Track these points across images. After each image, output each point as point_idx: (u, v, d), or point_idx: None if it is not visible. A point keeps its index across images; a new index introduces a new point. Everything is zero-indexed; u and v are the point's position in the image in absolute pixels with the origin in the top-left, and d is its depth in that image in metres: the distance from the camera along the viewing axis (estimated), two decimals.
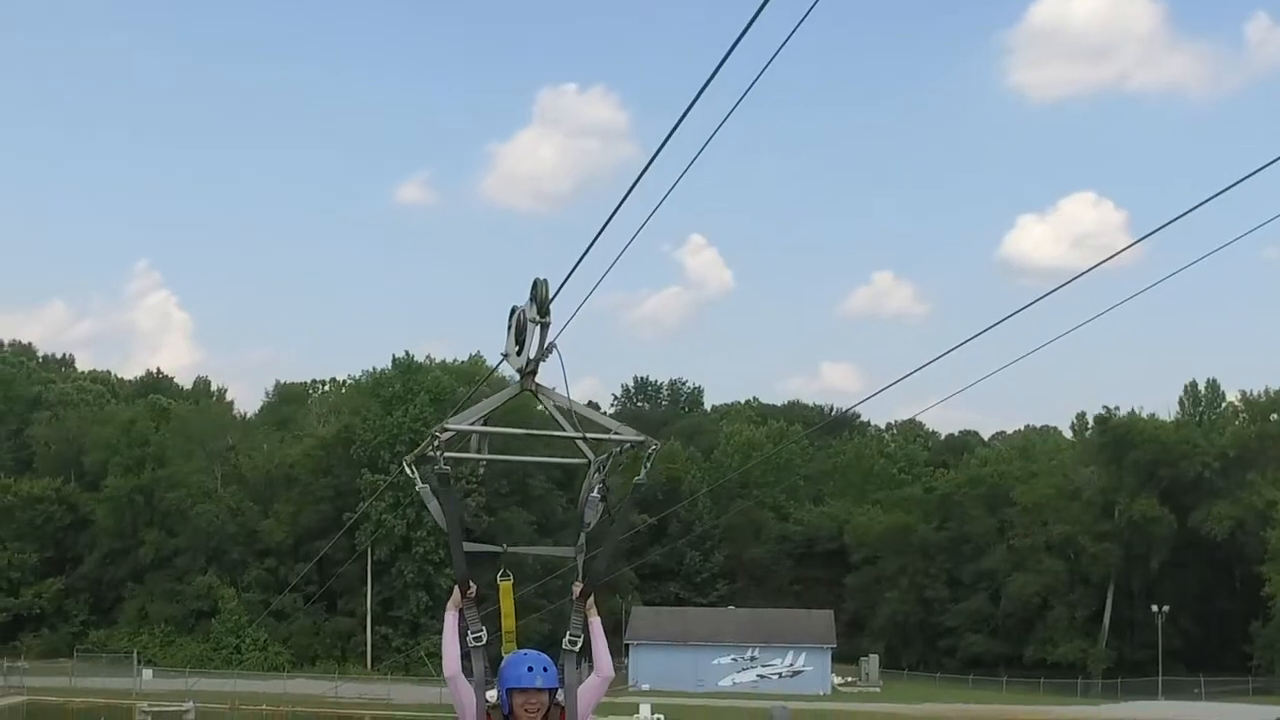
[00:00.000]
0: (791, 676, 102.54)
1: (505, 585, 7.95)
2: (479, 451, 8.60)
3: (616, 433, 7.84)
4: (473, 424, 8.08)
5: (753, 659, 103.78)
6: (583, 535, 8.14)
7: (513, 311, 7.62)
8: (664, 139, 7.13)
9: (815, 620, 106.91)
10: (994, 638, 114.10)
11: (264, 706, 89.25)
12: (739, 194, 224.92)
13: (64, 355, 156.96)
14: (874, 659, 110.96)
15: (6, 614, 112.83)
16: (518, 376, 7.84)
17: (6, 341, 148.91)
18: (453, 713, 7.50)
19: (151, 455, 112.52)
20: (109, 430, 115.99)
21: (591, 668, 7.84)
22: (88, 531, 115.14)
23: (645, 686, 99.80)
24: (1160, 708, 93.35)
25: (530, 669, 7.32)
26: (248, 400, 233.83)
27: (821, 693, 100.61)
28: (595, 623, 7.80)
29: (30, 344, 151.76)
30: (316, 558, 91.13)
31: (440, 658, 7.52)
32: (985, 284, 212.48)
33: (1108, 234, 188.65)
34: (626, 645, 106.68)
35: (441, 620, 7.70)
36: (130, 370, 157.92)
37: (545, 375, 7.90)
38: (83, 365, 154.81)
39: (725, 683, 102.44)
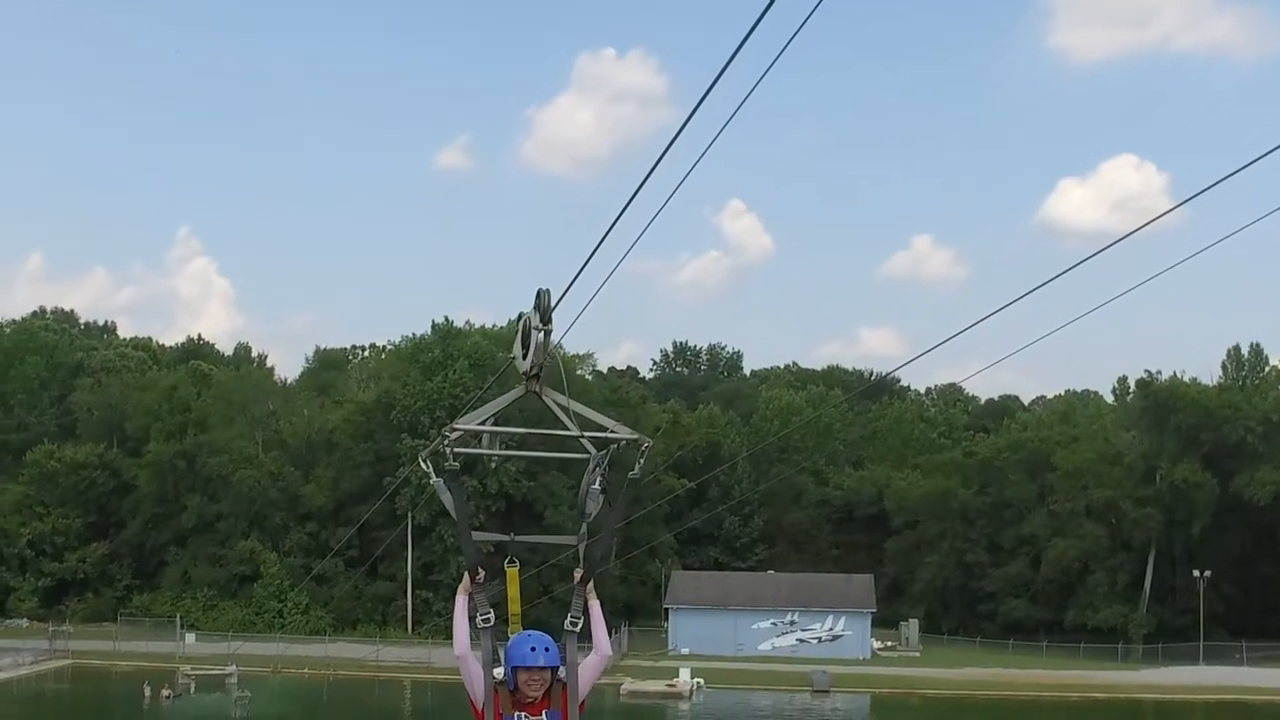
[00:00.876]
0: (831, 641, 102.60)
1: (512, 571, 8.61)
2: (490, 448, 9.26)
3: (613, 431, 8.39)
4: (480, 424, 8.62)
5: (792, 623, 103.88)
6: (584, 524, 8.60)
7: (519, 318, 8.23)
8: (698, 101, 7.07)
9: (855, 585, 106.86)
10: (1034, 603, 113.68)
11: (306, 670, 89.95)
12: (778, 159, 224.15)
13: (106, 322, 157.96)
14: (914, 624, 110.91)
15: (51, 579, 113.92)
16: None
17: (49, 309, 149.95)
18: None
19: (193, 421, 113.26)
20: (151, 396, 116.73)
21: (592, 648, 8.34)
22: (131, 497, 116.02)
23: (685, 650, 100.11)
24: (1201, 673, 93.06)
25: (533, 648, 7.86)
26: (288, 366, 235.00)
27: (861, 657, 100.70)
28: (595, 606, 8.22)
29: (73, 311, 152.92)
30: (358, 524, 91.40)
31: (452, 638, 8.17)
32: (1025, 248, 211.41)
33: (1149, 197, 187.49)
34: (666, 610, 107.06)
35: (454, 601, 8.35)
36: (171, 337, 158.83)
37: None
38: (124, 332, 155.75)
39: (765, 647, 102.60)
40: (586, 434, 8.46)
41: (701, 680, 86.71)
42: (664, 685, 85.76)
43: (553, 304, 7.95)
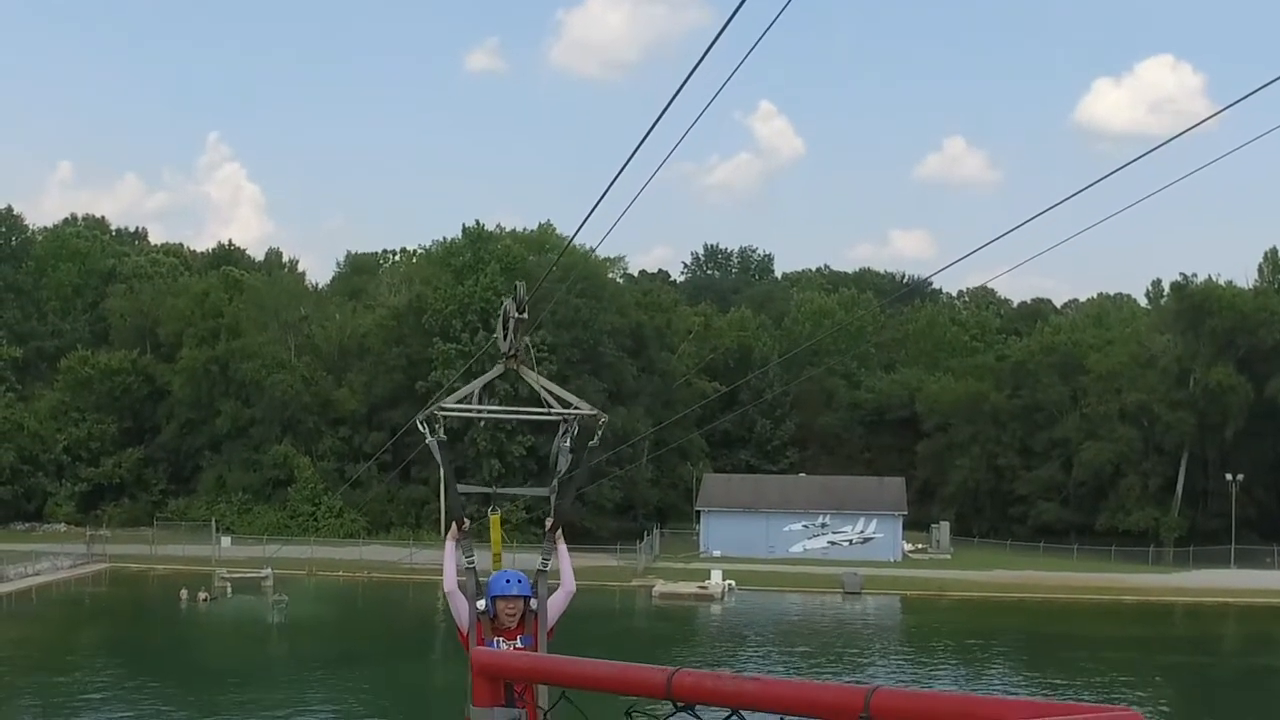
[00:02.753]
0: (862, 543, 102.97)
1: (495, 518, 9.95)
2: (479, 413, 11.14)
3: (576, 407, 10.03)
4: (461, 402, 10.46)
5: (824, 526, 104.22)
6: (555, 480, 9.98)
7: (501, 306, 10.30)
8: (735, 9, 6.90)
9: (886, 487, 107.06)
10: (1065, 506, 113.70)
11: (340, 573, 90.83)
12: (808, 60, 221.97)
13: (137, 229, 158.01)
14: (945, 526, 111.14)
15: (88, 484, 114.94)
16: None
17: (81, 216, 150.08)
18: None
19: (225, 326, 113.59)
20: (183, 302, 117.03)
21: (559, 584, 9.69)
22: (165, 402, 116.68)
23: (716, 553, 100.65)
24: (1232, 576, 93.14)
25: (509, 581, 9.23)
26: (319, 271, 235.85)
27: (892, 559, 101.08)
28: (562, 549, 9.61)
29: (104, 218, 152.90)
30: (395, 436, 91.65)
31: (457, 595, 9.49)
32: (1059, 150, 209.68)
33: (1186, 98, 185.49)
34: (698, 512, 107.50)
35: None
36: (202, 243, 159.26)
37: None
38: (156, 238, 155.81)
39: (796, 549, 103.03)
40: (553, 412, 10.08)
41: (733, 583, 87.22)
42: (695, 587, 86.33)
43: (527, 296, 10.10)
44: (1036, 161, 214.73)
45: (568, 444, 9.93)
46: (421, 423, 9.69)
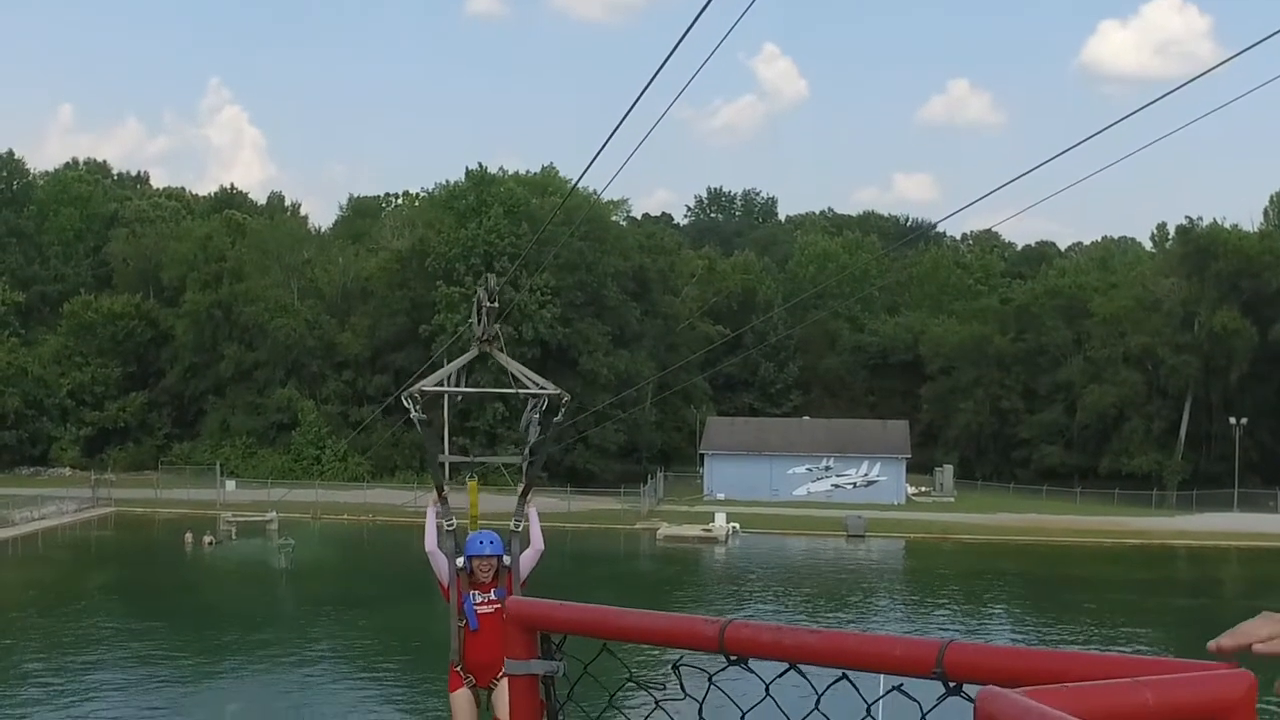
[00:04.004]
0: (866, 486, 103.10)
1: (472, 484, 11.46)
2: (457, 391, 12.73)
3: (542, 387, 11.28)
4: (438, 385, 11.97)
5: (827, 469, 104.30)
6: (526, 449, 11.19)
7: (475, 294, 11.63)
8: None
9: (890, 431, 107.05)
10: (1069, 449, 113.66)
11: (345, 516, 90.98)
12: (813, 1, 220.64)
13: (139, 173, 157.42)
14: (948, 469, 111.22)
15: (92, 428, 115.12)
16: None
17: (82, 160, 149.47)
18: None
19: (228, 270, 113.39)
20: (186, 246, 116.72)
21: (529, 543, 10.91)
22: (169, 346, 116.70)
23: (720, 496, 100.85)
24: (1235, 520, 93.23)
25: (483, 542, 10.43)
26: (321, 215, 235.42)
27: (896, 502, 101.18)
28: (533, 512, 10.84)
29: (105, 162, 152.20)
30: (411, 384, 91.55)
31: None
32: (1064, 92, 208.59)
33: (1192, 40, 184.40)
34: (702, 455, 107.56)
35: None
36: (204, 186, 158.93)
37: None
38: (157, 182, 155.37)
39: (800, 492, 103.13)
40: (521, 391, 11.41)
41: (737, 525, 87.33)
42: (700, 530, 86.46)
43: (498, 286, 11.60)
44: (1041, 104, 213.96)
45: (536, 417, 11.16)
46: (405, 399, 10.94)
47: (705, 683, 2.80)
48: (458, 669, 10.34)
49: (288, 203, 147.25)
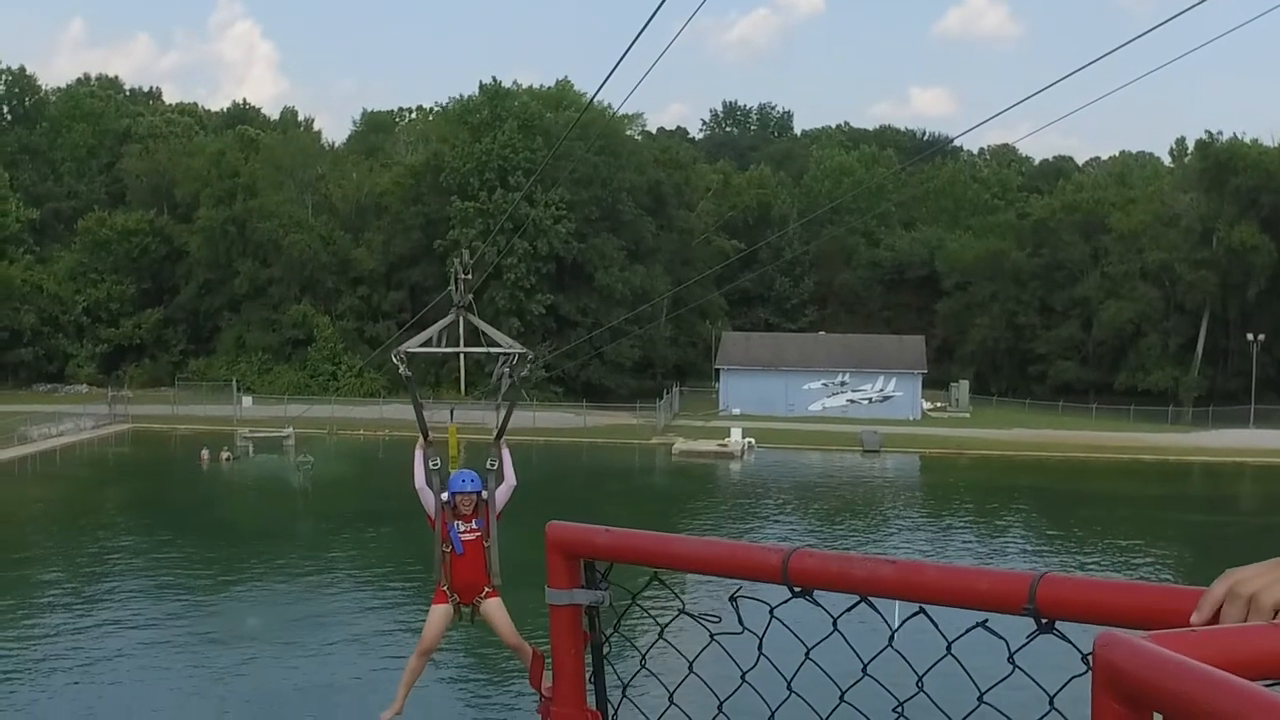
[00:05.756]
0: (882, 402, 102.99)
1: (452, 428, 12.82)
2: (439, 346, 13.90)
3: (510, 347, 12.78)
4: (421, 347, 13.52)
5: (843, 384, 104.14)
6: (499, 397, 12.97)
7: (451, 266, 13.52)
8: None
9: (906, 346, 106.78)
10: (1085, 365, 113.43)
11: (361, 431, 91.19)
12: None
13: (151, 88, 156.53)
14: (964, 385, 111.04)
15: (108, 345, 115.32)
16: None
17: (93, 76, 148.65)
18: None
19: (242, 186, 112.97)
20: (199, 162, 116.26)
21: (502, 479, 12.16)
22: (183, 263, 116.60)
23: (736, 411, 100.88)
24: (1251, 436, 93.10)
25: (464, 480, 11.76)
26: (335, 130, 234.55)
27: (911, 418, 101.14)
28: (506, 454, 12.04)
29: (117, 77, 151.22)
30: (430, 309, 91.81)
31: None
32: (1082, 3, 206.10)
33: None
34: (717, 370, 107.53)
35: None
36: (217, 102, 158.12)
37: None
38: (169, 98, 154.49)
39: (815, 407, 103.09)
40: (492, 350, 13.09)
41: (752, 440, 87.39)
42: (715, 445, 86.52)
43: (472, 260, 13.48)
44: (1059, 16, 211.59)
45: (506, 371, 12.75)
46: (394, 357, 12.43)
47: (766, 616, 2.62)
48: (444, 588, 11.86)
49: (300, 118, 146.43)
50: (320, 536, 58.20)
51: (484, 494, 11.87)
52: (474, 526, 11.80)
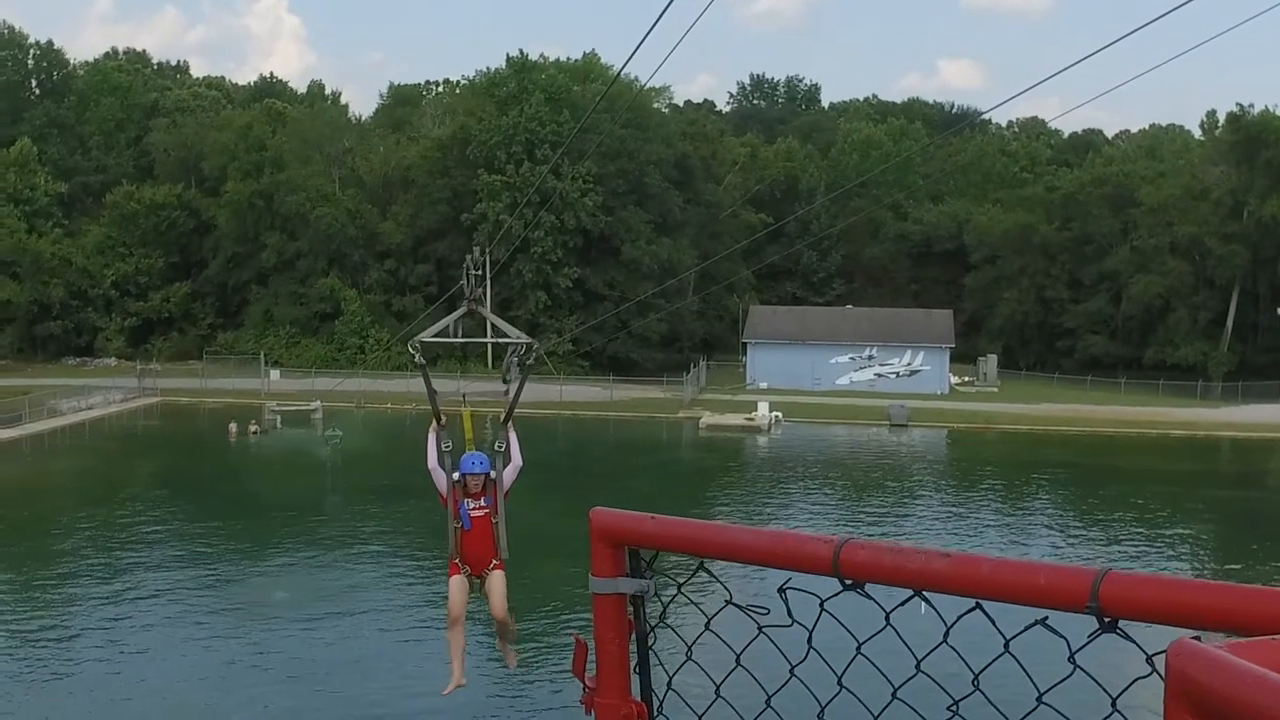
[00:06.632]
0: (909, 376, 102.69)
1: (466, 411, 13.14)
2: (454, 336, 14.86)
3: (518, 338, 13.10)
4: (435, 337, 14.36)
5: (870, 358, 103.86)
6: (507, 385, 13.41)
7: (465, 261, 14.42)
8: None
9: (934, 320, 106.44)
10: (1113, 339, 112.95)
11: (389, 405, 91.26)
12: None
13: (178, 62, 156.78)
14: (992, 359, 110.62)
15: (137, 318, 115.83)
16: None
17: (121, 50, 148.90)
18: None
19: (269, 160, 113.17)
20: (226, 135, 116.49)
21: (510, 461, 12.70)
22: (211, 236, 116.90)
23: (763, 385, 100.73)
24: None
25: (473, 461, 12.36)
26: (362, 104, 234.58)
27: (939, 392, 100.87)
28: (513, 436, 12.69)
29: (144, 51, 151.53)
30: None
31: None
32: None
33: None
34: (744, 344, 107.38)
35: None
36: (244, 76, 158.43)
37: None
38: (197, 72, 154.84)
39: (843, 381, 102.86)
40: (500, 340, 13.61)
41: (780, 414, 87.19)
42: (742, 419, 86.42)
43: (483, 257, 14.06)
44: None
45: (515, 360, 13.27)
46: (409, 347, 13.04)
47: (816, 609, 2.56)
48: (456, 561, 12.61)
49: (328, 91, 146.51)
50: (348, 509, 58.33)
51: (492, 474, 12.50)
52: (483, 504, 12.51)
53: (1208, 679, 1.35)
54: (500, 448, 12.70)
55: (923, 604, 2.28)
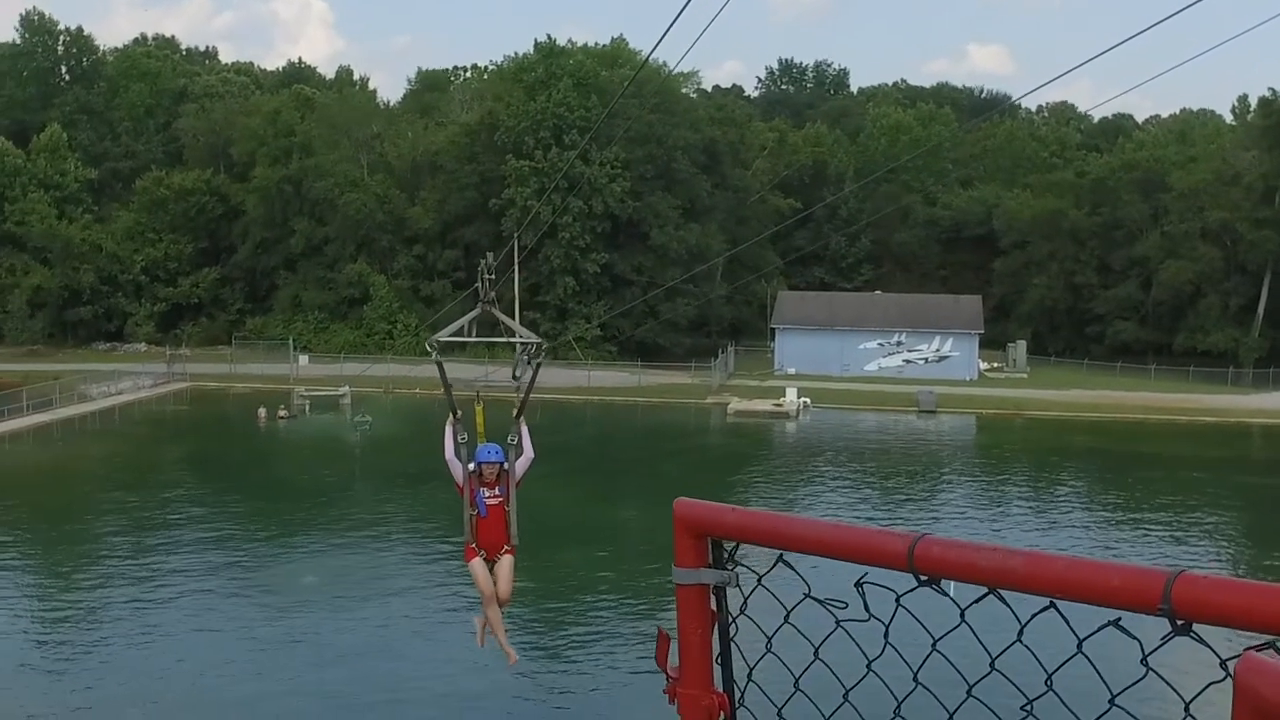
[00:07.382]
0: (938, 362, 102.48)
1: (479, 408, 13.73)
2: (467, 336, 15.62)
3: (526, 337, 13.93)
4: (451, 336, 15.01)
5: (899, 344, 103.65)
6: (518, 382, 13.73)
7: (479, 265, 14.71)
8: None
9: (963, 305, 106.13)
10: (1143, 325, 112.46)
11: (417, 391, 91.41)
12: None
13: (207, 48, 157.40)
14: (1021, 345, 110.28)
15: (166, 304, 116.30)
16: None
17: (150, 36, 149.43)
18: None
19: (298, 145, 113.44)
20: (255, 121, 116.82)
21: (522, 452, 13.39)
22: (240, 222, 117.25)
23: (791, 370, 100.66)
24: None
25: (489, 451, 13.10)
26: (390, 89, 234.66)
27: (968, 378, 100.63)
28: (525, 430, 13.38)
29: (173, 37, 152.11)
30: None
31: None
32: None
33: None
34: (773, 330, 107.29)
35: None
36: (272, 61, 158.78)
37: None
38: (225, 58, 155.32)
39: (871, 367, 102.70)
40: (511, 339, 14.57)
41: (808, 400, 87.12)
42: (771, 405, 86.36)
43: (495, 262, 14.65)
44: None
45: (525, 358, 13.83)
46: (427, 345, 13.97)
47: (892, 604, 2.61)
48: (473, 546, 13.31)
49: (356, 77, 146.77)
50: (376, 494, 58.57)
51: (505, 465, 13.19)
52: (497, 493, 13.22)
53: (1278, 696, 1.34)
54: (513, 441, 13.38)
55: (950, 586, 2.34)
